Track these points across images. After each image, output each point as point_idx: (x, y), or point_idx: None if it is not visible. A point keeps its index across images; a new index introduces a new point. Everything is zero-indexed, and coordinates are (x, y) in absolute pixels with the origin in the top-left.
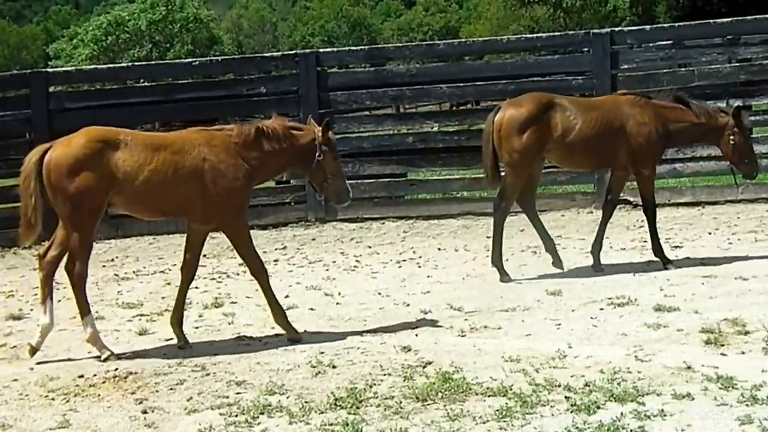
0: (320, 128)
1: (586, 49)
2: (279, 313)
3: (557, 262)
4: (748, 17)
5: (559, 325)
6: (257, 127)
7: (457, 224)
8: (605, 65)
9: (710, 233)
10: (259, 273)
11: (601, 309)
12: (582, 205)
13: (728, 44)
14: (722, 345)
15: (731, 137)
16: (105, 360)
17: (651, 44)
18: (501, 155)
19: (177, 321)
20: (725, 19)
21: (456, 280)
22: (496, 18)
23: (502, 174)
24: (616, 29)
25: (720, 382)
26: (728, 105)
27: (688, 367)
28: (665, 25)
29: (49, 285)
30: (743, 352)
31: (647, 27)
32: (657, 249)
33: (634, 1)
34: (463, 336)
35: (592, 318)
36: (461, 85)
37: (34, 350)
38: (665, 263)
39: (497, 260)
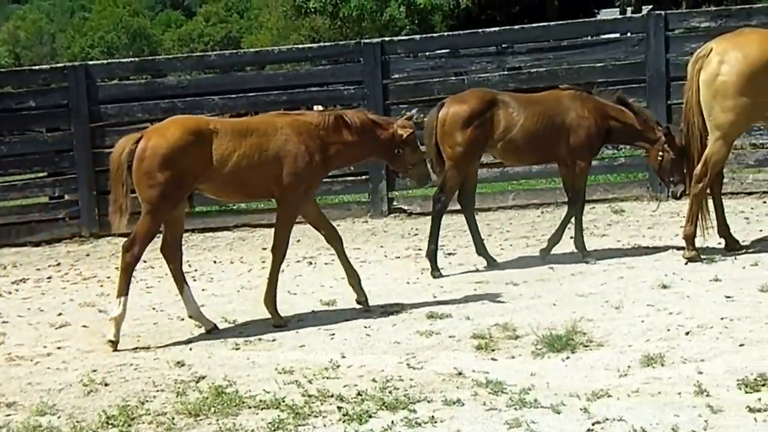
0: (402, 128)
1: (359, 59)
2: (271, 296)
3: (491, 262)
4: (516, 26)
5: (333, 335)
6: (338, 115)
7: (233, 236)
8: (377, 75)
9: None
10: (278, 252)
11: (375, 318)
12: (357, 215)
13: (498, 53)
14: (493, 350)
15: (660, 154)
16: (114, 347)
17: (422, 53)
18: (443, 150)
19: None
20: (494, 29)
21: (231, 292)
22: (277, 28)
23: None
24: (387, 39)
25: (490, 387)
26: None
27: (459, 373)
28: (435, 34)
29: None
30: (513, 357)
31: (418, 37)
32: (580, 244)
33: (410, 10)
34: (237, 349)
35: (365, 327)
36: (233, 96)
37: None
38: (585, 256)
39: (432, 254)
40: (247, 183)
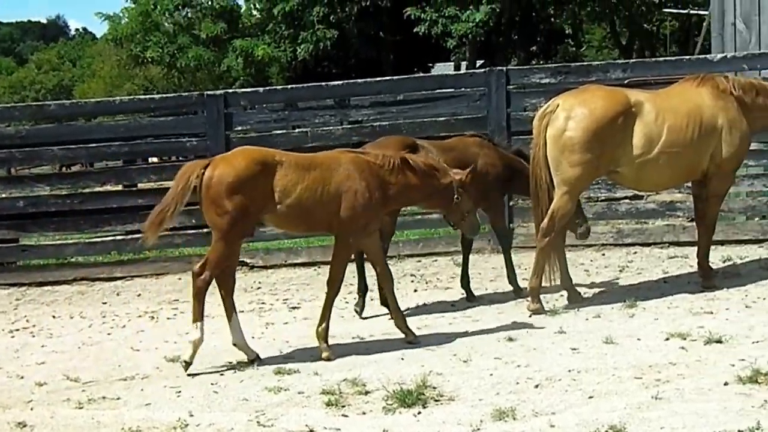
0: (462, 174)
1: (202, 111)
2: (324, 329)
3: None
4: (359, 80)
5: (180, 392)
6: (402, 157)
7: (72, 290)
8: (219, 127)
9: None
10: (333, 285)
11: (222, 374)
12: None
13: (340, 106)
14: (343, 406)
15: None
16: (186, 368)
17: (264, 106)
18: None
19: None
20: (337, 82)
21: (72, 349)
22: (110, 77)
23: None
24: (230, 91)
25: None
26: None
27: (311, 431)
28: (278, 87)
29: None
30: (364, 413)
31: (260, 89)
32: (464, 285)
33: (247, 62)
34: (80, 408)
35: (212, 384)
36: (73, 147)
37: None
38: (468, 297)
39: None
40: (308, 216)
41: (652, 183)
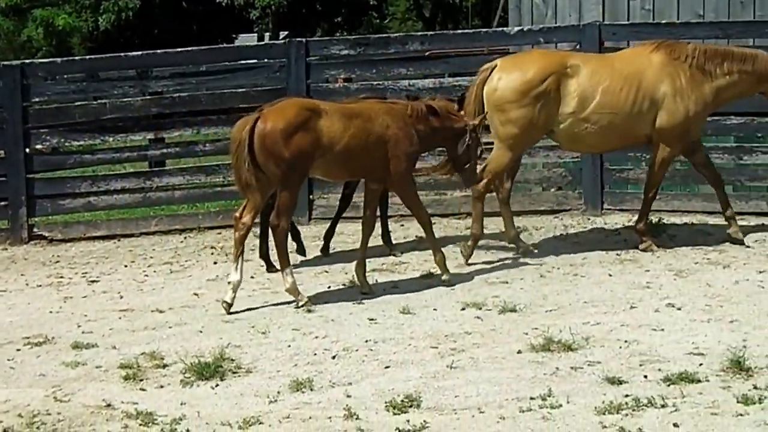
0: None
1: None
2: (440, 255)
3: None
4: (158, 51)
5: None
6: (428, 104)
7: None
8: (16, 98)
9: (126, 266)
10: (425, 223)
11: (18, 350)
12: None
13: (140, 77)
14: (141, 380)
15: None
16: (303, 305)
17: (63, 77)
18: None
19: (362, 271)
20: (136, 53)
21: None
22: None
23: None
24: (27, 61)
25: (140, 418)
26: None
27: (108, 405)
28: (77, 57)
29: (242, 244)
30: (162, 386)
31: (59, 60)
32: (386, 241)
33: (48, 32)
34: None
35: (9, 360)
36: None
37: (229, 305)
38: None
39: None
40: (353, 163)
41: (586, 144)
